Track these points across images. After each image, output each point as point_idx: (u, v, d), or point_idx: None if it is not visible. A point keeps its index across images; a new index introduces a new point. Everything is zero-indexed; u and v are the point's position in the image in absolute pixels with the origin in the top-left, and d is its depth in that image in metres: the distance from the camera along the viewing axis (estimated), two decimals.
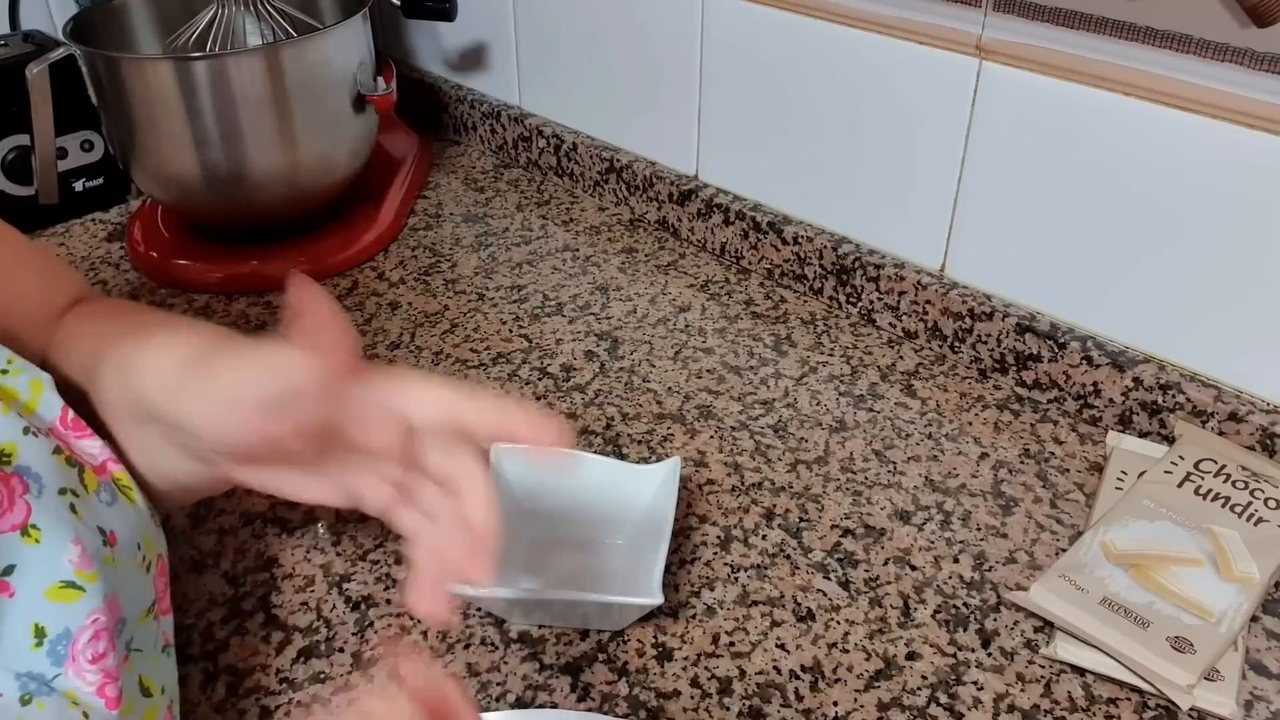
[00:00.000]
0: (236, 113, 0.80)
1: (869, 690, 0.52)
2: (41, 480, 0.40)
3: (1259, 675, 0.53)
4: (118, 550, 0.42)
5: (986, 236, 0.74)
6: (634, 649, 0.54)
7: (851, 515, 0.63)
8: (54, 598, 0.39)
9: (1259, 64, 0.57)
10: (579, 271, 0.89)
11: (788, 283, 0.86)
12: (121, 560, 0.42)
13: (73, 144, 0.95)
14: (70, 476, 0.41)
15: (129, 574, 0.42)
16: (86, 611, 0.39)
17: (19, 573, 0.38)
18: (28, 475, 0.39)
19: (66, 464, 0.41)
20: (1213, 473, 0.61)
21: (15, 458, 0.40)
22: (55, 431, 0.43)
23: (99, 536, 0.41)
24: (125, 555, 0.42)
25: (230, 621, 0.56)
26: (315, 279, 0.88)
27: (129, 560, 0.43)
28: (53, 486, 0.40)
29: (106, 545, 0.41)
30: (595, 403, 0.73)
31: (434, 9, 0.96)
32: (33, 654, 0.38)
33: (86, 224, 0.97)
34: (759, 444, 0.69)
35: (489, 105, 1.08)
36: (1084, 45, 0.64)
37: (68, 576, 0.39)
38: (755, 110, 0.84)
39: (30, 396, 0.43)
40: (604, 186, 0.99)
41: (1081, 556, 0.57)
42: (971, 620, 0.56)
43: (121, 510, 0.43)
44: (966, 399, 0.73)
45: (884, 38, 0.73)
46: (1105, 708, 0.51)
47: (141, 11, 0.93)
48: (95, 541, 0.40)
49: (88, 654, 0.39)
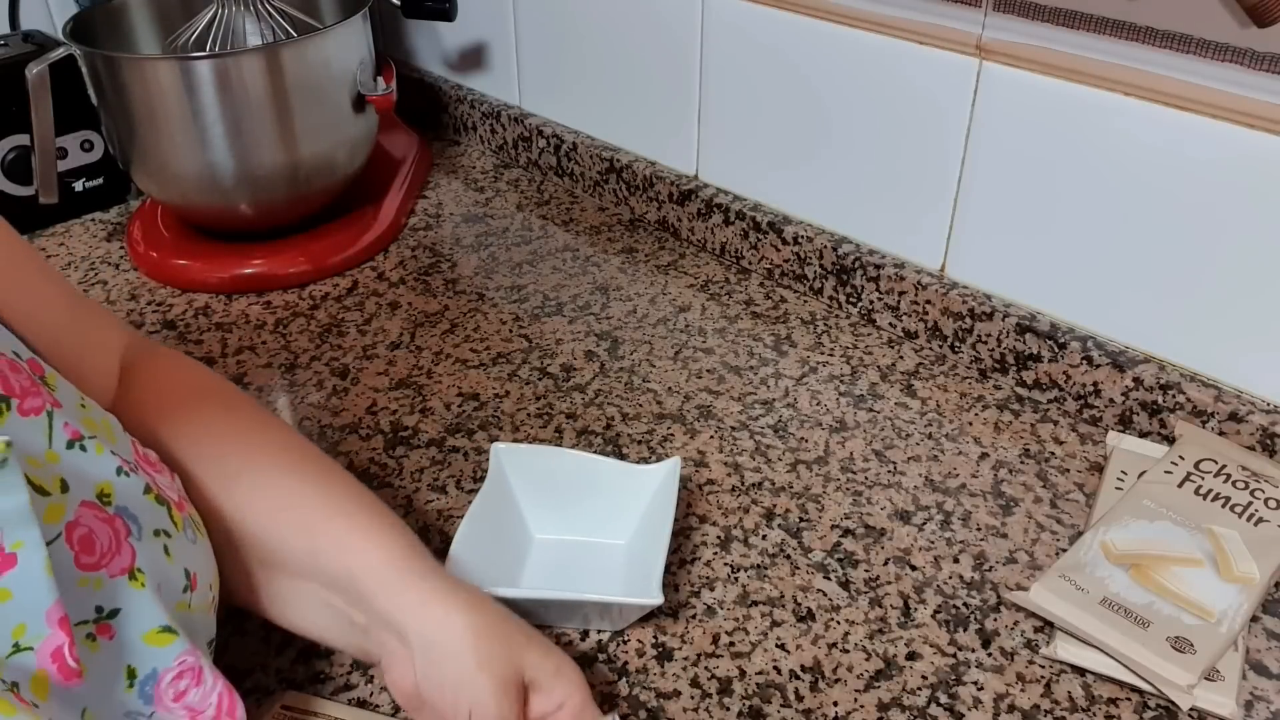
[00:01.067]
0: (236, 113, 0.80)
1: (869, 690, 0.52)
2: (139, 521, 0.40)
3: (1259, 675, 0.53)
4: (195, 595, 0.42)
5: (986, 236, 0.74)
6: (634, 649, 0.54)
7: (851, 515, 0.63)
8: (151, 642, 0.39)
9: (1259, 64, 0.57)
10: (579, 271, 0.89)
11: (788, 283, 0.86)
12: (197, 604, 0.42)
13: (73, 144, 0.95)
14: (161, 516, 0.41)
15: (201, 614, 0.43)
16: (175, 655, 0.40)
17: (123, 616, 0.38)
18: (126, 516, 0.39)
19: (156, 502, 0.41)
20: (1213, 473, 0.61)
21: (114, 498, 0.39)
22: (142, 468, 0.42)
23: (184, 580, 0.41)
24: (201, 596, 0.43)
25: (230, 621, 0.56)
26: (315, 279, 0.89)
27: (203, 602, 0.43)
28: (149, 528, 0.40)
29: (187, 591, 0.42)
30: (595, 403, 0.73)
31: (434, 9, 0.96)
32: (126, 695, 0.38)
33: (86, 224, 0.97)
34: (759, 444, 0.69)
35: (489, 105, 1.08)
36: (1084, 45, 0.64)
37: (165, 621, 0.39)
38: (755, 110, 0.84)
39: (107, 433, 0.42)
40: (604, 186, 0.99)
41: (1082, 556, 0.57)
42: (971, 620, 0.56)
43: (202, 548, 0.44)
44: (967, 399, 0.73)
45: (884, 37, 0.73)
46: (1105, 708, 0.51)
47: (141, 11, 0.93)
48: (177, 587, 0.41)
49: (170, 693, 0.40)
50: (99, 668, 0.37)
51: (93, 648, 0.37)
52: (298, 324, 0.82)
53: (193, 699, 0.40)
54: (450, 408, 0.72)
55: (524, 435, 0.70)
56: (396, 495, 0.64)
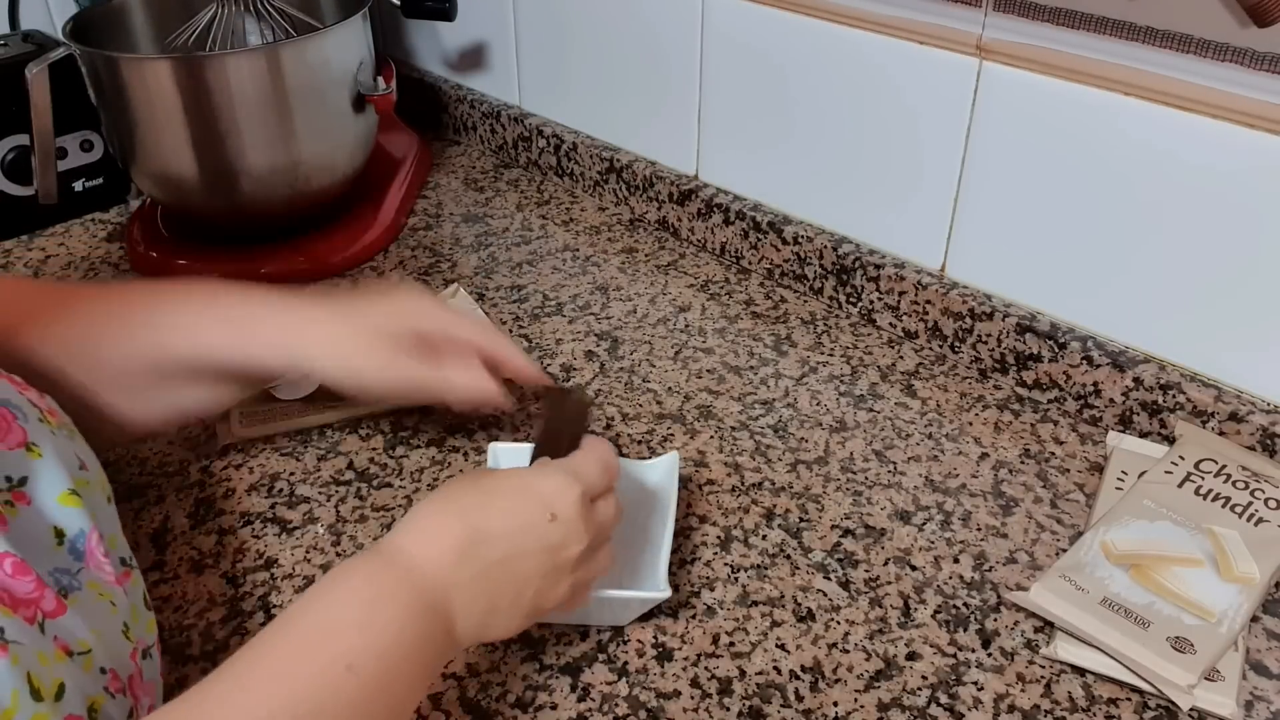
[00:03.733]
0: (236, 113, 0.80)
1: (869, 690, 0.52)
2: (22, 410, 0.43)
3: (1259, 675, 0.53)
4: (90, 474, 0.46)
5: (986, 236, 0.74)
6: (634, 649, 0.54)
7: (851, 515, 0.63)
8: (65, 503, 0.43)
9: (1259, 64, 0.57)
10: (579, 271, 0.89)
11: (788, 283, 0.86)
12: (95, 486, 0.46)
13: (73, 144, 0.95)
14: (34, 414, 0.45)
15: (102, 503, 0.47)
16: (89, 517, 0.43)
17: (32, 483, 0.42)
18: (10, 407, 0.43)
19: (30, 405, 0.44)
20: (1213, 473, 0.61)
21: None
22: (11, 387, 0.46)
23: (76, 460, 0.45)
24: (97, 481, 0.47)
25: (230, 621, 0.56)
26: (315, 279, 0.89)
27: (99, 486, 0.47)
28: (33, 415, 0.44)
29: (83, 469, 0.46)
30: (595, 403, 0.73)
31: (434, 9, 0.96)
32: (55, 553, 0.42)
33: (86, 224, 0.97)
34: (759, 444, 0.69)
35: (489, 105, 1.08)
36: (1084, 45, 0.64)
37: (71, 485, 0.43)
38: (755, 110, 0.84)
39: None
40: (604, 186, 0.99)
41: (1082, 556, 0.57)
42: (972, 620, 0.56)
43: (80, 447, 0.47)
44: (967, 399, 0.73)
45: (884, 37, 0.73)
46: (1105, 708, 0.51)
47: (141, 11, 0.93)
48: (72, 466, 0.45)
49: (100, 549, 0.43)
50: (23, 532, 0.40)
51: (11, 513, 0.41)
52: None
53: (113, 561, 0.44)
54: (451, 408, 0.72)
55: (524, 435, 0.70)
56: (396, 495, 0.64)
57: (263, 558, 0.60)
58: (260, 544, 0.61)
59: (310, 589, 0.42)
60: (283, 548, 0.61)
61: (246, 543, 0.61)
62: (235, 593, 0.58)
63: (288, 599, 0.57)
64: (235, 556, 0.60)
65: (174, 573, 0.59)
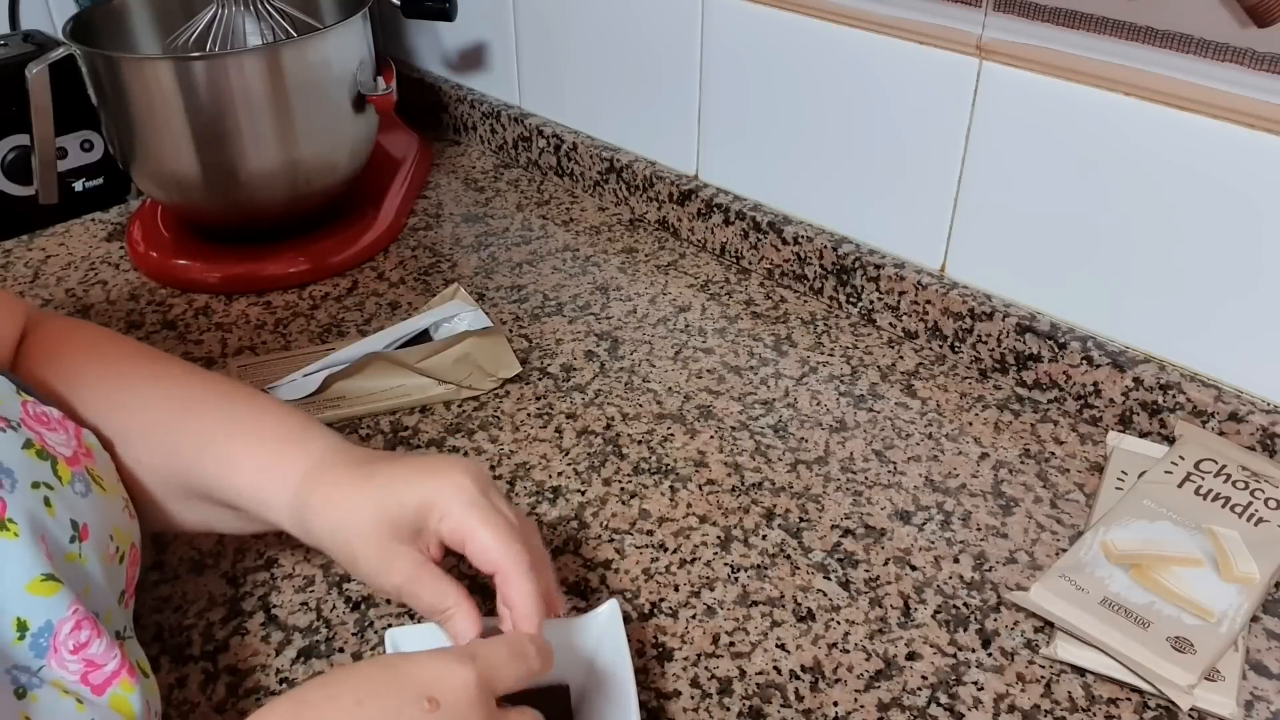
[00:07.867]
0: (236, 113, 0.80)
1: (869, 690, 0.52)
2: (14, 475, 0.40)
3: (1259, 675, 0.53)
4: (87, 545, 0.42)
5: (986, 236, 0.74)
6: (634, 649, 0.54)
7: (851, 515, 0.63)
8: (34, 591, 0.39)
9: (1259, 64, 0.57)
10: (579, 271, 0.89)
11: (788, 283, 0.86)
12: (90, 554, 0.42)
13: (73, 144, 0.95)
14: (43, 470, 0.42)
15: (99, 565, 0.43)
16: (68, 603, 0.39)
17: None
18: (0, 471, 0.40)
19: (38, 457, 0.42)
20: (1213, 473, 0.61)
21: None
22: (26, 424, 0.43)
23: (70, 530, 0.42)
24: (97, 547, 0.43)
25: (230, 621, 0.56)
26: (315, 279, 0.89)
27: (100, 552, 0.43)
28: (26, 480, 0.40)
29: (75, 541, 0.42)
30: (595, 403, 0.73)
31: (434, 9, 0.96)
32: (15, 648, 0.38)
33: (86, 224, 0.97)
34: (759, 444, 0.69)
35: (489, 105, 1.08)
36: (1084, 45, 0.64)
37: (46, 570, 0.39)
38: (755, 110, 0.84)
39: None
40: (604, 186, 0.99)
41: (1082, 556, 0.57)
42: (972, 620, 0.56)
43: (95, 501, 0.44)
44: (967, 399, 0.73)
45: (884, 38, 0.73)
46: (1105, 708, 0.51)
47: (141, 11, 0.93)
48: (63, 538, 0.41)
49: (69, 644, 0.39)
50: None
51: None
52: (298, 324, 0.82)
53: (95, 651, 0.40)
54: (450, 407, 0.72)
55: (524, 435, 0.70)
56: None
57: (263, 558, 0.60)
58: (260, 544, 0.61)
59: None
60: (283, 548, 0.61)
61: (246, 543, 0.61)
62: (235, 593, 0.58)
63: (288, 599, 0.57)
64: (235, 556, 0.60)
65: (174, 573, 0.59)
